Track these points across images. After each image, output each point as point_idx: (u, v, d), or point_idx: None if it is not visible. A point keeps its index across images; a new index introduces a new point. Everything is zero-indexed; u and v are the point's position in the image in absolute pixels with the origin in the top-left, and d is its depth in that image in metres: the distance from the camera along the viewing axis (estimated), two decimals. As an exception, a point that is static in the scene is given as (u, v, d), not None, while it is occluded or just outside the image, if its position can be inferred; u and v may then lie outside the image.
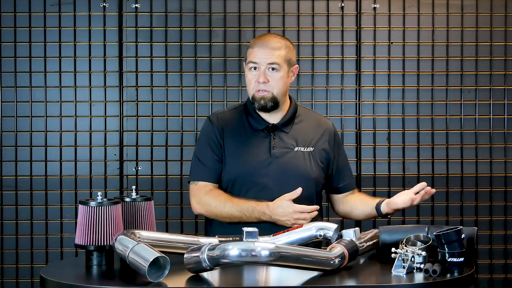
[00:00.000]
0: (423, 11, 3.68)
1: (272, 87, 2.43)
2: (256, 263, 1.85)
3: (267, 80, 2.42)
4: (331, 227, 2.15)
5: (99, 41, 3.64)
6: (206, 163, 2.46)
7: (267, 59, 2.41)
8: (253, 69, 2.44)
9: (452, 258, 1.91)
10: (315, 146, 2.50)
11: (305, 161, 2.46)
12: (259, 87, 2.43)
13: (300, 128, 2.52)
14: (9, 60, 3.63)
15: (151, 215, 2.22)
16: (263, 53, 2.42)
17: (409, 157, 3.67)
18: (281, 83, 2.44)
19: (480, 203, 3.69)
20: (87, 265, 2.04)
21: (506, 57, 3.69)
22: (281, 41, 2.46)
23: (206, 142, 2.49)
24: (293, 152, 2.46)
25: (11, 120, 3.64)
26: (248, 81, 2.47)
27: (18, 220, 3.63)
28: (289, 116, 2.51)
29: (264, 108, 2.45)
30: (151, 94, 3.65)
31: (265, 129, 2.48)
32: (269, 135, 2.47)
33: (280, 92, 2.45)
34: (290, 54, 2.46)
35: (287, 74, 2.46)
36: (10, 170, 3.63)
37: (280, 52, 2.43)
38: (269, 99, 2.43)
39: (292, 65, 2.48)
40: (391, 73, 3.67)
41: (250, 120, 2.50)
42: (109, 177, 3.64)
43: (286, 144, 2.47)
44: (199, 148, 2.51)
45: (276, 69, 2.42)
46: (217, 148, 2.46)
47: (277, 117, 2.50)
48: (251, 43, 2.49)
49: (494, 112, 3.69)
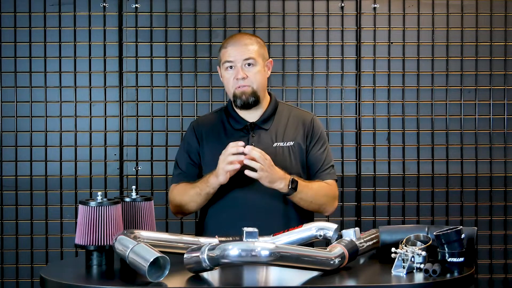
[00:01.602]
0: (423, 11, 3.68)
1: (252, 82, 2.47)
2: (256, 263, 1.85)
3: (246, 75, 2.46)
4: (331, 227, 2.16)
5: (99, 41, 3.64)
6: (181, 167, 2.55)
7: (242, 55, 2.46)
8: (229, 68, 2.48)
9: (452, 258, 1.91)
10: (294, 140, 2.50)
11: (284, 156, 2.47)
12: (239, 83, 2.46)
13: (279, 123, 2.53)
14: (9, 60, 3.63)
15: (151, 215, 2.22)
16: (237, 50, 2.46)
17: (409, 157, 3.67)
18: (259, 76, 2.48)
19: (480, 203, 3.69)
20: (87, 265, 2.05)
21: (506, 57, 3.69)
22: (252, 37, 2.53)
23: (183, 147, 2.59)
24: (272, 148, 2.47)
25: (11, 120, 3.64)
26: (226, 80, 2.50)
27: (18, 220, 3.63)
28: (268, 113, 2.54)
29: (246, 104, 2.48)
30: (151, 94, 3.65)
31: (244, 128, 2.51)
32: (248, 133, 2.50)
33: (259, 86, 2.49)
34: (262, 49, 2.52)
35: (263, 68, 2.50)
36: (10, 170, 3.63)
37: (253, 47, 2.48)
38: (250, 93, 2.47)
39: (266, 59, 2.53)
40: (391, 73, 3.67)
41: (230, 121, 2.54)
42: (109, 177, 3.64)
43: (264, 141, 2.48)
44: (178, 153, 2.61)
45: (252, 64, 2.47)
46: (193, 153, 2.54)
47: (256, 115, 2.53)
48: (223, 43, 2.54)
49: (494, 112, 3.69)
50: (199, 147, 2.54)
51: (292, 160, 2.48)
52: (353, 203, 3.65)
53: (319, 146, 2.54)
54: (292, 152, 2.49)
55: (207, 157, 2.51)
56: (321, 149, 2.54)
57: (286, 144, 2.49)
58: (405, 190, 3.67)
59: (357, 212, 3.66)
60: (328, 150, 2.57)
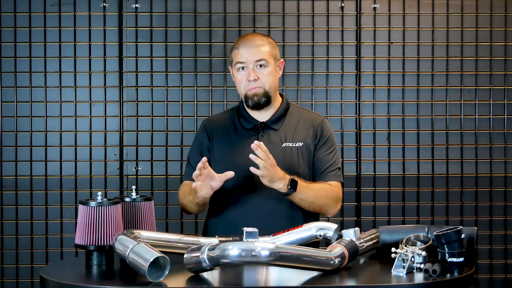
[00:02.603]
0: (423, 11, 3.68)
1: (263, 83, 2.47)
2: (256, 263, 1.85)
3: (257, 77, 2.45)
4: (331, 227, 2.16)
5: (99, 41, 3.64)
6: (193, 165, 2.53)
7: (254, 56, 2.45)
8: (241, 69, 2.48)
9: (452, 258, 1.91)
10: (304, 141, 2.50)
11: (292, 156, 2.47)
12: (250, 85, 2.47)
13: (289, 124, 2.53)
14: (9, 60, 3.63)
15: (151, 215, 2.22)
16: (249, 51, 2.46)
17: (409, 157, 3.67)
18: (271, 78, 2.48)
19: (480, 203, 3.69)
20: (87, 265, 2.05)
21: (506, 57, 3.69)
22: (264, 38, 2.52)
23: (195, 145, 2.61)
24: (281, 148, 2.47)
25: (11, 120, 3.64)
26: (238, 82, 2.50)
27: (18, 220, 3.63)
28: (279, 113, 2.54)
29: (258, 104, 2.48)
30: (151, 94, 3.65)
31: (254, 127, 2.52)
32: (258, 133, 2.50)
33: (271, 87, 2.49)
34: (274, 50, 2.52)
35: (274, 69, 2.50)
36: (10, 170, 3.63)
37: (265, 48, 2.47)
38: (261, 94, 2.47)
39: (277, 60, 2.53)
40: (391, 73, 3.67)
41: (241, 121, 2.55)
42: (109, 177, 3.64)
43: (274, 141, 2.48)
44: (190, 151, 2.62)
45: (264, 65, 2.46)
46: (204, 151, 2.54)
47: (267, 115, 2.53)
48: (234, 44, 2.53)
49: (494, 112, 3.69)
50: (210, 144, 2.55)
51: (300, 161, 2.48)
52: (353, 203, 3.65)
53: (326, 147, 2.53)
54: (301, 153, 2.49)
55: (216, 155, 2.52)
56: (328, 150, 2.53)
57: (295, 145, 2.49)
58: (405, 190, 3.67)
59: (357, 212, 3.66)
60: (336, 153, 2.56)
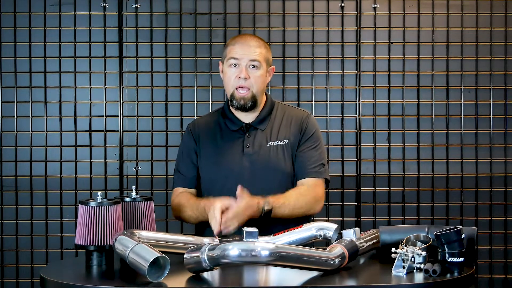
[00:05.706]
0: (423, 11, 3.68)
1: (252, 85, 2.47)
2: (256, 263, 1.85)
3: (248, 76, 2.45)
4: (331, 227, 2.16)
5: (99, 41, 3.64)
6: (181, 170, 2.56)
7: (249, 55, 2.46)
8: (233, 66, 2.48)
9: (452, 258, 1.91)
10: (289, 139, 2.51)
11: (278, 155, 2.48)
12: (239, 83, 2.46)
13: (275, 123, 2.54)
14: (9, 60, 3.63)
15: (151, 215, 2.22)
16: (244, 50, 2.47)
17: (409, 157, 3.67)
18: (260, 81, 2.49)
19: (480, 203, 3.69)
20: (87, 265, 2.05)
21: (506, 57, 3.69)
22: (260, 41, 2.53)
23: (182, 150, 2.60)
24: (266, 147, 2.48)
25: (11, 120, 3.64)
26: (228, 77, 2.50)
27: (18, 220, 3.62)
28: (265, 113, 2.54)
29: (243, 107, 2.49)
30: (151, 94, 3.65)
31: (239, 129, 2.52)
32: (244, 134, 2.51)
33: (259, 91, 2.50)
34: (268, 54, 2.53)
35: (265, 73, 2.51)
36: (10, 170, 3.63)
37: (260, 50, 2.48)
38: (249, 99, 2.48)
39: (269, 65, 2.54)
40: (391, 73, 3.67)
41: (226, 122, 2.55)
42: (109, 177, 3.64)
43: (259, 141, 2.49)
44: (177, 157, 2.62)
45: (257, 66, 2.47)
46: (192, 155, 2.54)
47: (253, 116, 2.54)
48: (230, 41, 2.54)
49: (494, 112, 3.69)
50: (197, 148, 2.56)
51: (285, 159, 2.49)
52: (353, 203, 3.65)
53: (310, 143, 2.52)
54: (286, 150, 2.50)
55: (203, 159, 2.53)
56: (311, 146, 2.52)
57: (280, 143, 2.50)
58: (405, 190, 3.67)
59: (357, 212, 3.65)
60: (320, 148, 2.53)
